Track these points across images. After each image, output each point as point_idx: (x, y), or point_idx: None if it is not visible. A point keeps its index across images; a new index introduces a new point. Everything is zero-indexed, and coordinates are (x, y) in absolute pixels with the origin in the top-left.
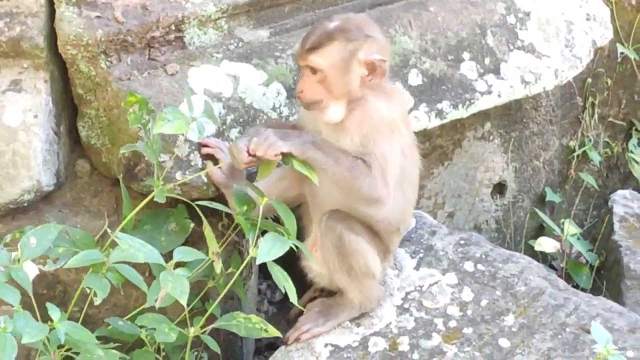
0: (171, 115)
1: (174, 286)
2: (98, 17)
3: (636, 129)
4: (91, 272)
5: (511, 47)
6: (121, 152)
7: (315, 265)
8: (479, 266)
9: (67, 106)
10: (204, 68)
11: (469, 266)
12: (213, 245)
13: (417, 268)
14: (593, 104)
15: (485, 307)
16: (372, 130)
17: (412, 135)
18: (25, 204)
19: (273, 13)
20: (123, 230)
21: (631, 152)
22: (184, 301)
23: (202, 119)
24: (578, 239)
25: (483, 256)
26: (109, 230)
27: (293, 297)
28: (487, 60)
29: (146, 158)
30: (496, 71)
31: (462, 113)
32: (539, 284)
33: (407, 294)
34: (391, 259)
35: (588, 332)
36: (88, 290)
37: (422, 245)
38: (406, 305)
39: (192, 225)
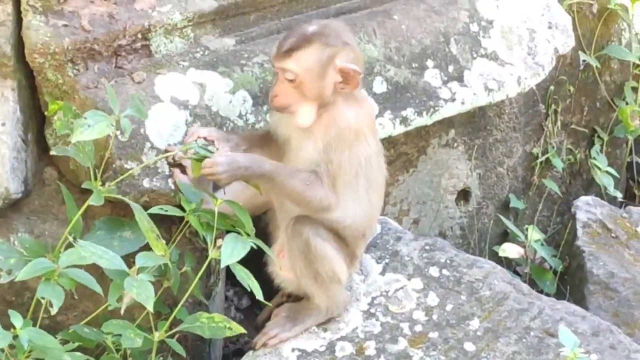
0: (92, 119)
1: (139, 292)
2: (65, 25)
3: (598, 136)
4: (44, 281)
5: (474, 55)
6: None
7: (280, 268)
8: (444, 271)
9: (35, 114)
10: (171, 76)
11: (434, 271)
12: (158, 248)
13: (382, 273)
14: (556, 111)
15: (450, 311)
16: (336, 137)
17: (378, 144)
18: None
19: (238, 22)
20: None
21: (594, 158)
22: (149, 306)
23: (169, 127)
24: (542, 244)
25: (448, 261)
26: (70, 237)
27: (258, 294)
28: (450, 68)
29: (114, 165)
30: (460, 79)
31: (426, 120)
32: (504, 289)
33: (373, 299)
34: (357, 264)
35: (552, 335)
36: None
37: (388, 250)
38: (372, 310)
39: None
